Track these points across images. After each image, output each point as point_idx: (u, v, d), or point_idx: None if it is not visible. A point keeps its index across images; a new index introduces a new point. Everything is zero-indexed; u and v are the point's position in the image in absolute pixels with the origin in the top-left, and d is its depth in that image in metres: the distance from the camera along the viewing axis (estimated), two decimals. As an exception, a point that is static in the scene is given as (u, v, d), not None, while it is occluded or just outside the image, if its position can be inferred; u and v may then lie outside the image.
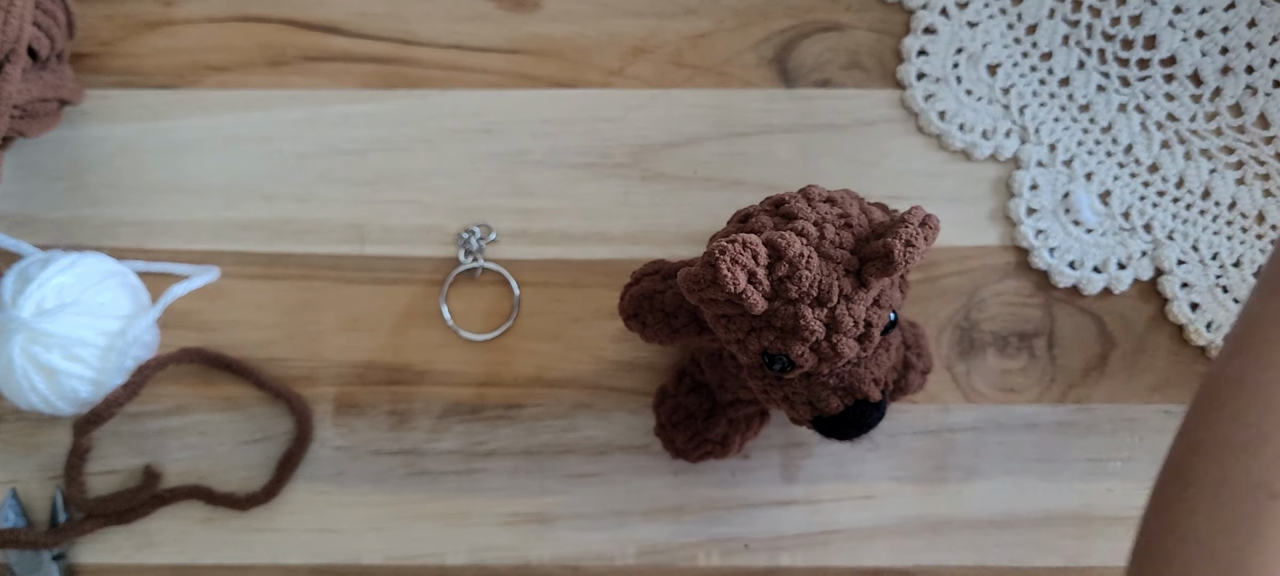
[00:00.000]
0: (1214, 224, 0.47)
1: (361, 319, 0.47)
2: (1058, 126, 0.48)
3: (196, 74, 0.48)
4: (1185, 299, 0.47)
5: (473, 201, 0.48)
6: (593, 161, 0.48)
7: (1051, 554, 0.46)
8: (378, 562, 0.46)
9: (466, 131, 0.48)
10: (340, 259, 0.47)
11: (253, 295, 0.47)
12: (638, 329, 0.40)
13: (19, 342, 0.42)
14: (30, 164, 0.48)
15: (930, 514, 0.46)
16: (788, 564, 0.46)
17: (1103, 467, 0.46)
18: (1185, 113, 0.48)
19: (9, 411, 0.47)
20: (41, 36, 0.44)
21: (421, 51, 0.49)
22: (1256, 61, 0.48)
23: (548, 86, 0.48)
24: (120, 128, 0.48)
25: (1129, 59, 0.48)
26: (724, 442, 0.44)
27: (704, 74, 0.48)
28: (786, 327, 0.33)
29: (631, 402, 0.47)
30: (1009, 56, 0.48)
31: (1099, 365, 0.47)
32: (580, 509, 0.47)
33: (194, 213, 0.48)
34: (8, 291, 0.43)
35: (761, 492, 0.47)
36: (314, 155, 0.48)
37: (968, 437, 0.47)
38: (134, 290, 0.46)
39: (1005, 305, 0.47)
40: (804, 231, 0.34)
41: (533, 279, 0.47)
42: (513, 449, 0.47)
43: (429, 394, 0.47)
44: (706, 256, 0.33)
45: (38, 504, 0.47)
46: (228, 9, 0.49)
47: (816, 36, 0.48)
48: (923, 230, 0.33)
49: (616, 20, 0.49)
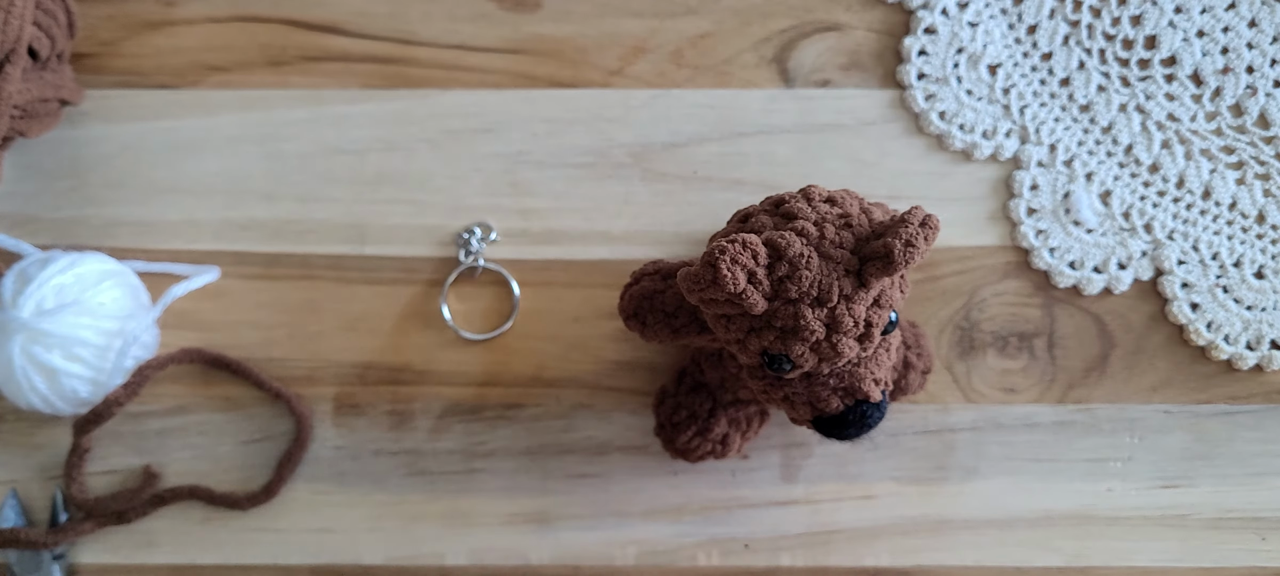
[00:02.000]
0: (1214, 224, 0.47)
1: (361, 319, 0.47)
2: (1058, 126, 0.48)
3: (197, 74, 0.48)
4: (1185, 299, 0.47)
5: (473, 201, 0.48)
6: (593, 161, 0.48)
7: (1051, 554, 0.46)
8: (378, 562, 0.46)
9: (466, 131, 0.48)
10: (340, 259, 0.47)
11: (253, 295, 0.47)
12: (638, 329, 0.40)
13: (19, 342, 0.42)
14: (30, 164, 0.48)
15: (930, 514, 0.46)
16: (788, 564, 0.46)
17: (1103, 467, 0.46)
18: (1185, 113, 0.48)
19: (9, 411, 0.47)
20: (41, 36, 0.44)
21: (421, 51, 0.49)
22: (1256, 61, 0.48)
23: (548, 86, 0.48)
24: (120, 128, 0.48)
25: (1129, 59, 0.48)
26: (724, 442, 0.44)
27: (704, 74, 0.48)
28: (786, 328, 0.33)
29: (631, 402, 0.47)
30: (1009, 56, 0.48)
31: (1099, 365, 0.47)
32: (580, 509, 0.47)
33: (194, 213, 0.48)
34: (8, 291, 0.43)
35: (761, 492, 0.47)
36: (314, 155, 0.48)
37: (968, 437, 0.47)
38: (134, 290, 0.46)
39: (1005, 305, 0.47)
40: (804, 231, 0.34)
41: (533, 279, 0.47)
42: (513, 449, 0.47)
43: (429, 394, 0.47)
44: (706, 256, 0.33)
45: (38, 504, 0.47)
46: (228, 9, 0.49)
47: (816, 36, 0.48)
48: (923, 230, 0.33)
49: (616, 20, 0.49)
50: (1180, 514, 0.46)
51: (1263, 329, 0.46)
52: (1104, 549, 0.46)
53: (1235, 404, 0.47)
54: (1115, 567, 0.46)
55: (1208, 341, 0.47)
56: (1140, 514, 0.46)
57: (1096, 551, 0.46)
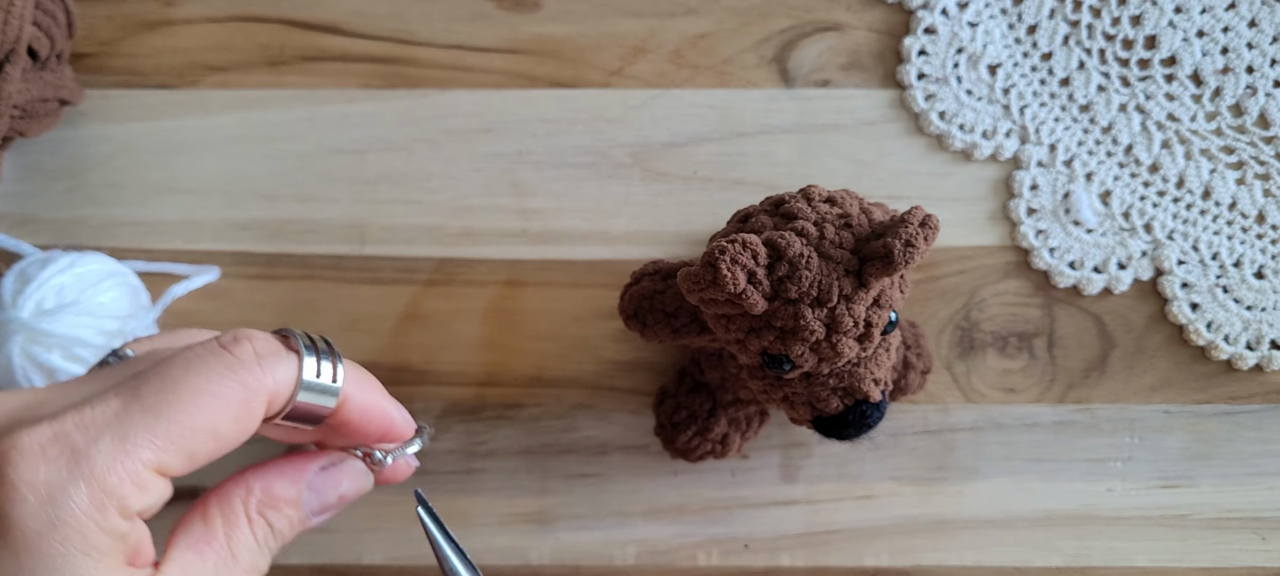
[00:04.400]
0: (1214, 224, 0.47)
1: (361, 319, 0.47)
2: (1058, 127, 0.48)
3: (196, 74, 0.48)
4: (1185, 299, 0.47)
5: (473, 201, 0.48)
6: (593, 161, 0.48)
7: (1051, 554, 0.46)
8: (378, 562, 0.46)
9: (466, 131, 0.48)
10: (340, 259, 0.47)
11: (253, 295, 0.47)
12: (638, 329, 0.40)
13: (18, 342, 0.42)
14: (30, 164, 0.48)
15: (930, 514, 0.46)
16: (788, 564, 0.46)
17: (1103, 467, 0.46)
18: (1185, 113, 0.48)
19: (9, 411, 0.47)
20: (41, 36, 0.44)
21: (421, 51, 0.49)
22: (1256, 61, 0.48)
23: (548, 86, 0.48)
24: (120, 128, 0.48)
25: (1129, 59, 0.48)
26: (724, 442, 0.44)
27: (704, 74, 0.48)
28: (786, 328, 0.33)
29: (631, 402, 0.47)
30: (1009, 56, 0.48)
31: (1099, 365, 0.47)
32: (580, 509, 0.47)
33: (194, 213, 0.48)
34: (7, 291, 0.43)
35: (761, 492, 0.47)
36: (314, 155, 0.48)
37: (968, 437, 0.47)
38: (134, 290, 0.46)
39: (1005, 305, 0.47)
40: (804, 231, 0.34)
41: (533, 279, 0.47)
42: (513, 449, 0.47)
43: (429, 394, 0.47)
44: (706, 256, 0.33)
45: (38, 504, 0.47)
46: (227, 9, 0.49)
47: (816, 36, 0.48)
48: (923, 230, 0.33)
49: (616, 20, 0.49)
50: (1180, 514, 0.46)
51: (1263, 329, 0.46)
52: (1104, 549, 0.46)
53: (1235, 404, 0.47)
54: (1115, 567, 0.46)
55: (1208, 341, 0.47)
56: (1140, 514, 0.46)
57: (1096, 551, 0.46)
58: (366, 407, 0.33)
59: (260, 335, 0.30)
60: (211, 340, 0.30)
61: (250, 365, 0.29)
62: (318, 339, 0.32)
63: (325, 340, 0.32)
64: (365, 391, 0.33)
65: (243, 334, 0.30)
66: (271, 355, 0.30)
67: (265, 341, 0.30)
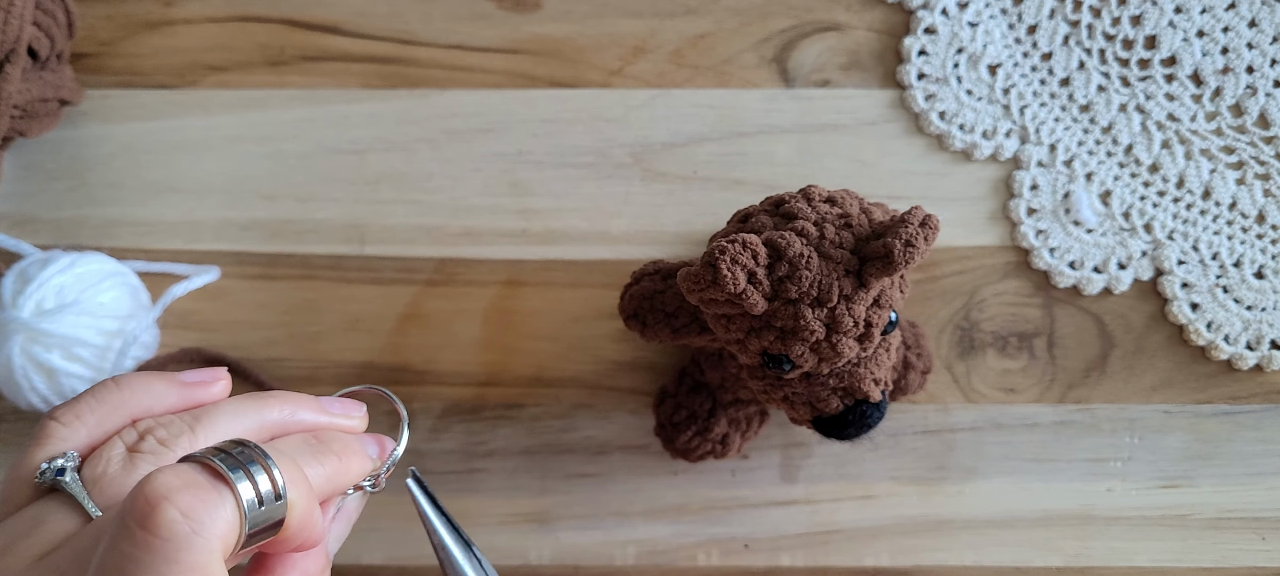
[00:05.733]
0: (1214, 224, 0.47)
1: (361, 319, 0.47)
2: (1058, 126, 0.48)
3: (196, 74, 0.48)
4: (1185, 299, 0.47)
5: (473, 201, 0.48)
6: (593, 161, 0.48)
7: (1051, 554, 0.46)
8: (378, 562, 0.46)
9: (466, 131, 0.48)
10: (340, 259, 0.47)
11: (253, 295, 0.47)
12: (638, 329, 0.40)
13: (18, 342, 0.42)
14: (30, 164, 0.48)
15: (930, 514, 0.46)
16: (788, 564, 0.46)
17: (1103, 467, 0.46)
18: (1185, 113, 0.48)
19: (9, 411, 0.47)
20: (41, 36, 0.44)
21: (421, 51, 0.49)
22: (1256, 61, 0.48)
23: (548, 86, 0.48)
24: (120, 128, 0.48)
25: (1129, 59, 0.48)
26: (724, 442, 0.44)
27: (704, 74, 0.48)
28: (786, 328, 0.33)
29: (631, 402, 0.47)
30: (1009, 56, 0.48)
31: (1099, 365, 0.47)
32: (580, 509, 0.47)
33: (194, 213, 0.48)
34: (7, 291, 0.43)
35: (761, 492, 0.47)
36: (314, 155, 0.48)
37: (968, 437, 0.47)
38: (134, 290, 0.46)
39: (1005, 305, 0.47)
40: (804, 231, 0.34)
41: (533, 279, 0.47)
42: (513, 449, 0.47)
43: (429, 394, 0.47)
44: (706, 256, 0.33)
45: (38, 504, 0.47)
46: (227, 9, 0.49)
47: (816, 36, 0.48)
48: (923, 230, 0.33)
49: (616, 20, 0.49)
50: (1180, 514, 0.46)
51: (1263, 329, 0.46)
52: (1104, 549, 0.46)
53: (1235, 404, 0.47)
54: (1115, 567, 0.46)
55: (1208, 341, 0.47)
56: (1140, 514, 0.46)
57: (1096, 551, 0.46)
58: (307, 512, 0.27)
59: (176, 484, 0.24)
60: (126, 520, 0.23)
61: (182, 541, 0.23)
62: (232, 448, 0.26)
63: (240, 443, 0.26)
64: (306, 485, 0.27)
65: (156, 496, 0.23)
66: (201, 508, 0.24)
67: (187, 494, 0.24)
